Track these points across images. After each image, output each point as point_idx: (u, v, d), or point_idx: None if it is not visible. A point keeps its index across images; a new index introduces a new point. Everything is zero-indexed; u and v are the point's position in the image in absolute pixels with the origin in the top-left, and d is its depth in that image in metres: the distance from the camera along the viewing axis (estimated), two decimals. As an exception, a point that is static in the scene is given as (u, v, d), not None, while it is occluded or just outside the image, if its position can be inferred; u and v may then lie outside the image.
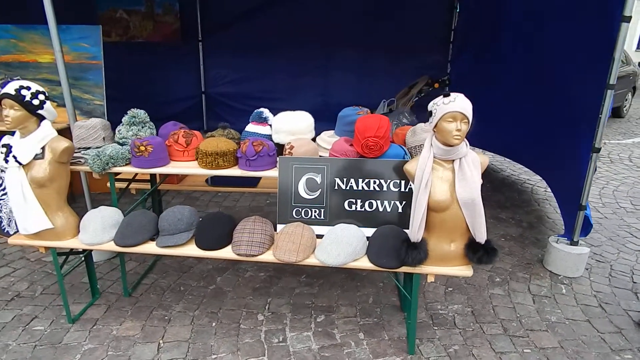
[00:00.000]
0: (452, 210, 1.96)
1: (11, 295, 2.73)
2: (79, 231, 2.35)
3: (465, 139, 1.93)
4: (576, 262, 2.97)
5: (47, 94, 2.19)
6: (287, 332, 2.41)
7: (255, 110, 2.68)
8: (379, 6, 5.52)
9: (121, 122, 2.59)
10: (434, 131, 1.94)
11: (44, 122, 2.21)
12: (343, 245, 2.10)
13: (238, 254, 2.16)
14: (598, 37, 2.72)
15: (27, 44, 3.45)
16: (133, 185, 3.18)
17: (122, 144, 2.54)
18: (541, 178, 4.53)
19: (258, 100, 6.00)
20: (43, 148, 2.19)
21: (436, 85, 4.91)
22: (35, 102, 2.12)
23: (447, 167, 1.98)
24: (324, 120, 6.27)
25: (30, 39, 3.45)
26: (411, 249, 1.99)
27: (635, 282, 2.94)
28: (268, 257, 2.17)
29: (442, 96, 1.89)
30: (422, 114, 5.12)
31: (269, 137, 2.59)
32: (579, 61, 2.99)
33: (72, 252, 2.53)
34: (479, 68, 4.99)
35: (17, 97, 2.08)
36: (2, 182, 3.51)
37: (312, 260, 2.14)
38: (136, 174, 2.78)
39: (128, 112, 2.62)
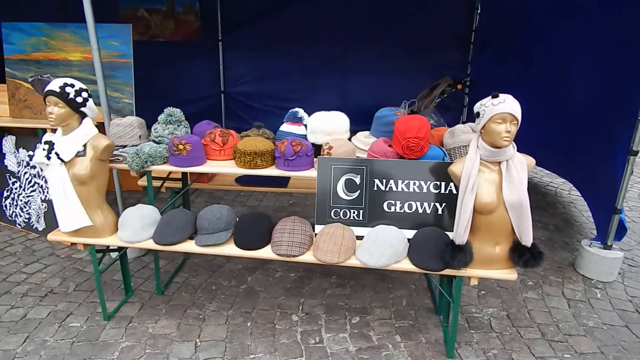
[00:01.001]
0: (499, 212, 1.94)
1: (45, 291, 2.74)
2: (117, 229, 2.35)
3: (512, 141, 1.91)
4: (610, 267, 2.94)
5: (89, 92, 2.20)
6: (323, 333, 2.40)
7: (290, 110, 2.67)
8: (399, 6, 5.50)
9: (157, 120, 2.60)
10: (481, 132, 1.93)
11: (86, 120, 2.22)
12: (385, 246, 2.09)
13: (278, 254, 2.15)
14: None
15: (57, 42, 3.47)
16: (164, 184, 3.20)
17: (158, 143, 2.55)
18: (565, 180, 4.50)
19: (277, 100, 6.02)
20: (85, 145, 2.20)
21: (459, 86, 4.89)
22: (79, 99, 2.13)
23: (493, 169, 1.96)
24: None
25: (61, 37, 3.46)
26: (456, 251, 1.97)
27: (670, 288, 2.91)
28: (308, 257, 2.16)
29: (490, 97, 1.87)
30: (443, 116, 5.09)
31: (304, 137, 2.58)
32: (616, 64, 2.95)
33: (109, 249, 2.54)
34: (501, 69, 4.95)
35: (62, 95, 2.08)
36: (31, 178, 3.53)
37: (353, 262, 2.12)
38: (170, 173, 2.78)
39: (164, 110, 2.62)
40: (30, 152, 3.52)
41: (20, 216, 3.58)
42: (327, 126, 2.51)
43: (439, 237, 2.11)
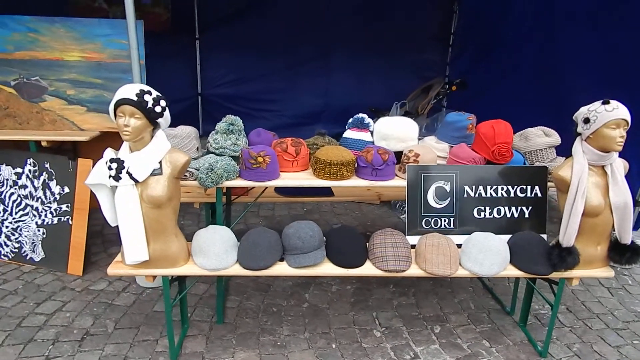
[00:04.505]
0: (604, 214, 2.01)
1: (79, 334, 2.32)
2: (189, 255, 2.07)
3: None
4: (631, 254, 3.21)
5: (166, 100, 1.90)
6: (413, 346, 2.32)
7: (355, 116, 2.54)
8: (380, 8, 5.54)
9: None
10: (589, 137, 1.98)
11: (159, 133, 1.91)
12: (494, 254, 2.06)
13: (387, 270, 2.03)
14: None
15: (49, 39, 2.94)
16: (197, 200, 2.91)
17: (219, 154, 2.28)
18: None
19: (257, 102, 5.75)
20: (160, 162, 1.89)
21: (454, 87, 5.03)
22: (158, 109, 1.83)
23: (597, 173, 2.02)
24: (324, 121, 6.10)
25: (54, 33, 2.94)
26: (565, 254, 2.01)
27: (677, 269, 3.26)
28: (415, 271, 2.07)
29: (600, 103, 1.93)
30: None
31: (372, 143, 2.48)
32: (604, 62, 3.17)
33: (173, 279, 2.22)
34: (480, 70, 5.17)
35: (140, 104, 1.77)
36: (20, 200, 2.99)
37: (462, 272, 2.08)
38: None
39: (224, 118, 2.36)
40: (18, 169, 2.97)
41: (7, 245, 3.00)
42: (400, 132, 2.43)
43: (538, 241, 2.15)
